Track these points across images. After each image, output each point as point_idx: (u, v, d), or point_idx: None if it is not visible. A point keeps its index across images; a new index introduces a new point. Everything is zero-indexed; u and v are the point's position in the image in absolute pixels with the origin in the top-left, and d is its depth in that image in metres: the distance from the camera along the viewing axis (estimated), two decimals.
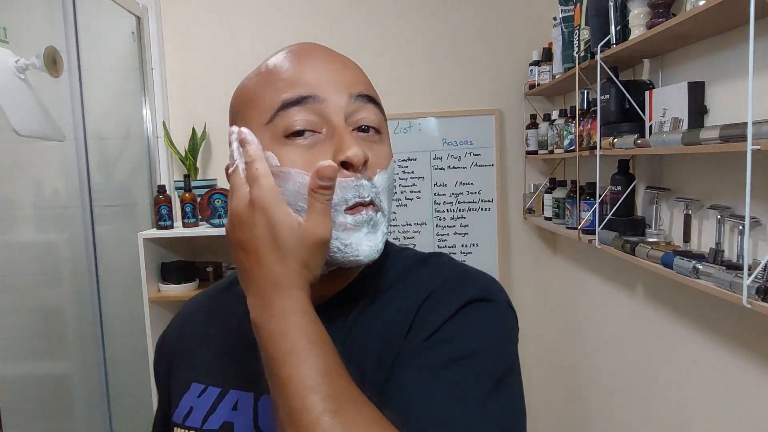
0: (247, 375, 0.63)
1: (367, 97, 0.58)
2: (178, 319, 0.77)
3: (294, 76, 0.57)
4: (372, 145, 0.58)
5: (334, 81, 0.57)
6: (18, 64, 1.68)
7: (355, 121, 0.57)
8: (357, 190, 0.55)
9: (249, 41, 2.51)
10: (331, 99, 0.56)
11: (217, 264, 2.47)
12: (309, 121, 0.55)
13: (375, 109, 0.59)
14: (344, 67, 0.59)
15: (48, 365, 2.43)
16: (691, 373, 1.53)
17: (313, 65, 0.58)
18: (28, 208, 2.42)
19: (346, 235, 0.55)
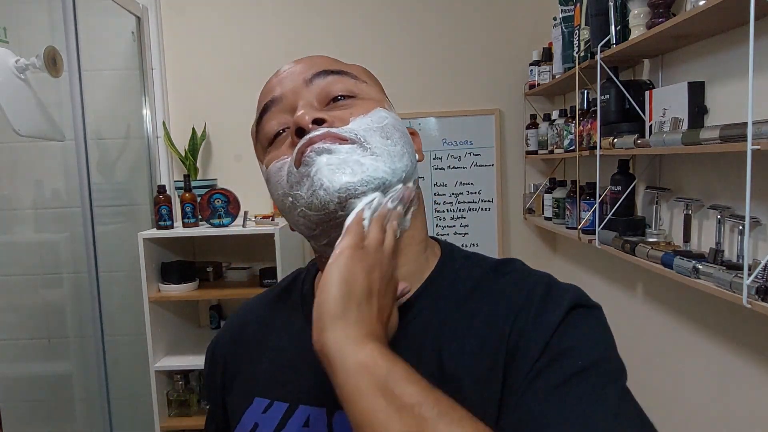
0: (316, 389, 0.59)
1: (323, 72, 0.60)
2: (230, 327, 0.73)
3: (261, 97, 0.62)
4: (343, 107, 0.58)
5: (289, 77, 0.60)
6: (18, 64, 1.68)
7: (324, 97, 0.59)
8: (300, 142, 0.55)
9: (249, 41, 2.51)
10: (289, 93, 0.59)
11: (217, 264, 2.47)
12: (279, 122, 0.59)
13: (338, 77, 0.60)
14: (299, 62, 0.62)
15: (48, 365, 2.43)
16: (691, 373, 1.53)
17: (273, 78, 0.62)
18: (28, 208, 2.42)
19: (302, 183, 0.55)
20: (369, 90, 0.61)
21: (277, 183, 0.58)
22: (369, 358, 0.44)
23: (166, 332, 2.29)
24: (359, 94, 0.60)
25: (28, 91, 1.73)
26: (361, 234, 0.52)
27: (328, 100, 0.59)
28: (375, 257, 0.51)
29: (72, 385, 2.42)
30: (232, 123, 2.52)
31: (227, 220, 2.21)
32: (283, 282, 0.73)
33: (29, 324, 2.40)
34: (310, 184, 0.53)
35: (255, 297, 0.75)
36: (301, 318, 0.66)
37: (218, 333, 0.75)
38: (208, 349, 0.74)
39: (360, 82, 0.61)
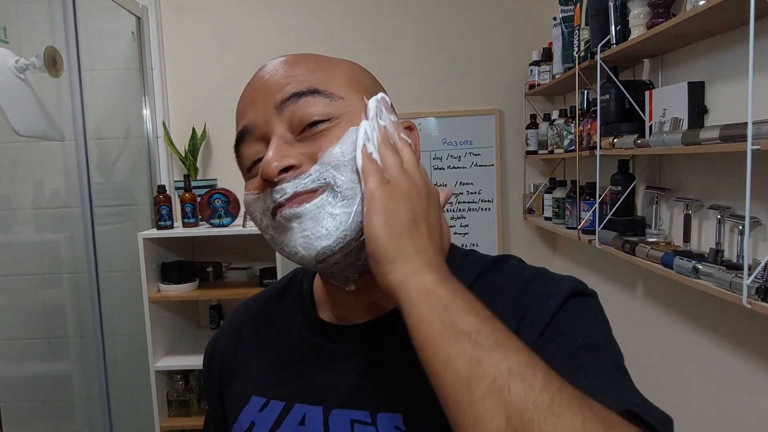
0: (313, 388, 0.61)
1: (293, 96, 0.55)
2: (228, 327, 0.74)
3: (238, 114, 0.60)
4: (316, 138, 0.54)
5: (260, 100, 0.57)
6: (18, 64, 1.68)
7: (297, 124, 0.55)
8: (271, 196, 0.55)
9: (249, 41, 2.51)
10: (260, 121, 0.56)
11: (217, 264, 2.47)
12: (252, 152, 0.58)
13: (311, 99, 0.55)
14: (270, 76, 0.58)
15: (48, 365, 2.43)
16: (690, 373, 1.53)
17: (245, 94, 0.60)
18: (28, 208, 2.42)
19: (281, 236, 0.56)
20: (345, 106, 0.56)
21: (252, 214, 0.59)
22: (430, 287, 0.45)
23: (166, 332, 2.29)
24: (335, 115, 0.55)
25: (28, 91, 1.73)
26: (379, 169, 0.51)
27: (303, 127, 0.55)
28: (404, 184, 0.50)
29: (72, 385, 2.42)
30: (232, 123, 2.48)
31: (227, 220, 2.21)
32: (282, 281, 0.73)
33: (29, 324, 2.40)
34: (288, 246, 0.55)
35: (254, 296, 0.76)
36: (300, 317, 0.66)
37: (217, 332, 0.75)
38: (207, 349, 0.75)
39: (335, 100, 0.55)
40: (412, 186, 0.51)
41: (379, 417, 0.56)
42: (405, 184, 0.50)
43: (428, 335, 0.43)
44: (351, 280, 0.60)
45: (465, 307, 0.44)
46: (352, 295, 0.61)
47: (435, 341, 0.43)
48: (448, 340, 0.42)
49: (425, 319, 0.44)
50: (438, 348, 0.42)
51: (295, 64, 0.58)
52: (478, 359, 0.40)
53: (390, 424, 0.56)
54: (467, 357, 0.41)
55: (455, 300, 0.44)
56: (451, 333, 0.42)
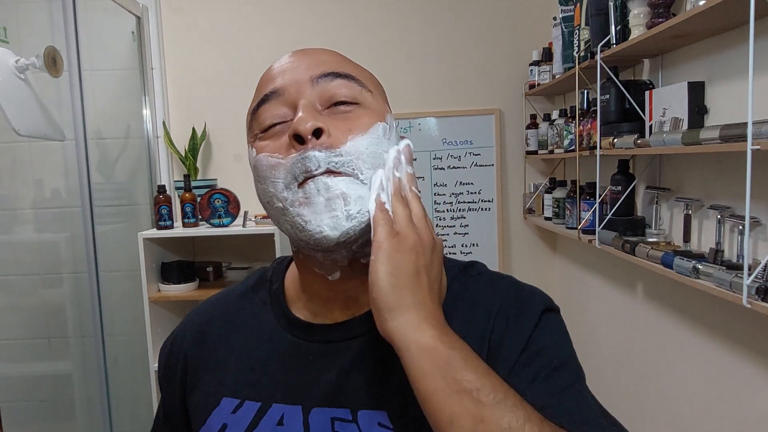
0: (290, 387, 0.60)
1: (331, 74, 0.58)
2: (191, 325, 0.70)
3: (262, 84, 0.61)
4: (345, 116, 0.57)
5: (295, 71, 0.59)
6: (18, 64, 1.68)
7: (327, 100, 0.57)
8: (303, 163, 0.54)
9: (249, 41, 2.51)
10: (292, 87, 0.57)
11: (217, 264, 2.47)
12: (276, 114, 0.58)
13: (344, 82, 0.58)
14: (307, 55, 0.60)
15: (48, 365, 2.43)
16: (691, 373, 1.53)
17: (278, 65, 0.61)
18: (28, 208, 2.42)
19: (303, 210, 0.55)
20: (372, 101, 0.60)
21: (266, 179, 0.57)
22: (430, 344, 0.47)
23: (166, 332, 2.29)
24: (362, 103, 0.58)
25: (28, 91, 1.73)
26: (389, 220, 0.53)
27: (330, 103, 0.57)
28: (411, 237, 0.52)
29: (72, 385, 2.42)
30: (232, 123, 2.52)
31: (227, 220, 2.21)
32: (248, 281, 0.71)
33: (29, 324, 2.40)
34: (311, 223, 0.54)
35: (215, 295, 0.73)
36: (271, 316, 0.65)
37: (175, 332, 0.72)
38: (163, 349, 0.71)
39: (365, 91, 0.59)
40: (418, 240, 0.52)
41: (360, 414, 0.57)
42: (412, 238, 0.52)
43: (432, 392, 0.46)
44: (338, 266, 0.59)
45: (464, 363, 0.47)
46: (332, 286, 0.61)
47: (439, 398, 0.46)
48: (452, 398, 0.45)
49: (427, 375, 0.47)
50: (443, 405, 0.45)
51: (331, 52, 0.62)
52: (480, 417, 0.44)
53: (372, 421, 0.56)
54: (470, 415, 0.44)
55: (455, 356, 0.47)
56: (454, 391, 0.45)
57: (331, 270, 0.59)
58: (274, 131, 0.58)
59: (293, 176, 0.55)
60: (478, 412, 0.44)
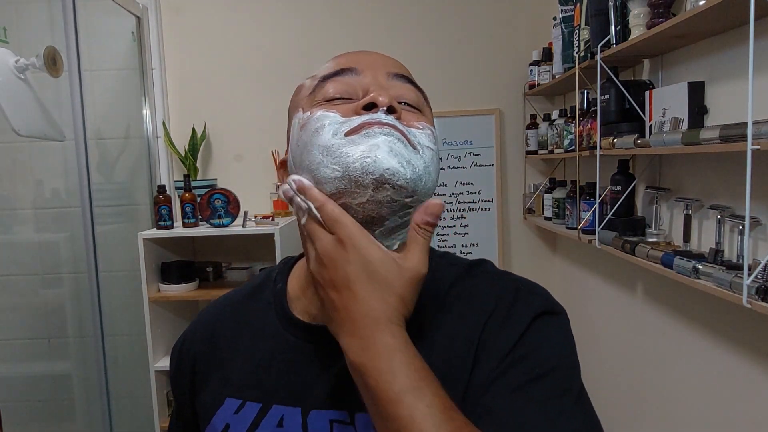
0: (290, 388, 0.60)
1: (405, 77, 0.61)
2: (200, 326, 0.71)
3: (338, 60, 0.62)
4: (408, 114, 0.58)
5: (371, 62, 0.60)
6: (18, 64, 1.68)
7: (396, 96, 0.58)
8: (362, 117, 0.54)
9: (249, 41, 2.51)
10: (367, 72, 0.59)
11: (217, 264, 2.47)
12: (343, 90, 0.58)
13: (413, 88, 0.61)
14: (382, 55, 0.63)
15: (48, 365, 2.43)
16: (691, 373, 1.53)
17: (353, 53, 0.63)
18: (28, 208, 2.42)
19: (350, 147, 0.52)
20: (427, 112, 0.62)
21: (316, 128, 0.55)
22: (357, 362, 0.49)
23: (166, 332, 2.29)
24: (422, 110, 0.60)
25: (28, 91, 1.72)
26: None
27: (398, 101, 0.58)
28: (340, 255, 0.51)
29: (72, 385, 2.42)
30: (232, 123, 2.52)
31: (227, 220, 2.21)
32: (254, 281, 0.72)
33: (29, 324, 2.40)
34: (358, 152, 0.51)
35: (224, 296, 0.74)
36: (274, 316, 0.65)
37: (186, 331, 0.73)
38: (175, 348, 0.73)
39: (425, 104, 0.62)
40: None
41: (357, 417, 0.56)
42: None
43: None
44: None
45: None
46: None
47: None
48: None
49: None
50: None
51: (393, 59, 0.64)
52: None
53: (369, 424, 0.55)
54: None
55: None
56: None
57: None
58: (338, 103, 0.57)
59: (350, 125, 0.53)
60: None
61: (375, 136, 0.52)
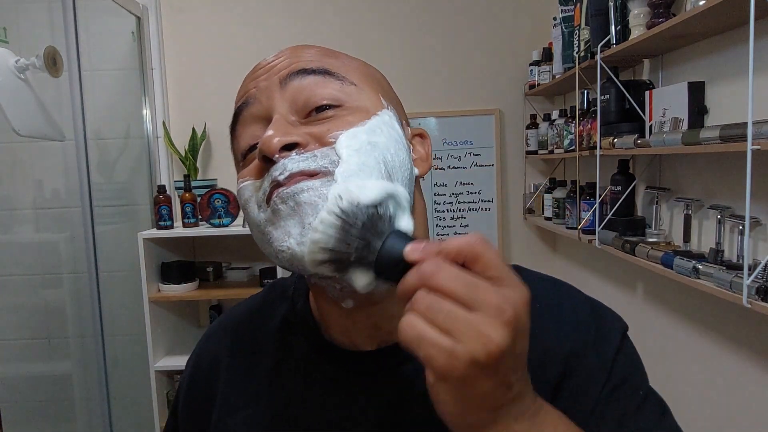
0: (331, 424, 0.53)
1: (301, 72, 0.49)
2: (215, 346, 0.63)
3: (239, 91, 0.54)
4: (323, 122, 0.48)
5: (266, 74, 0.51)
6: (18, 64, 1.68)
7: (302, 106, 0.49)
8: (269, 176, 0.47)
9: (249, 41, 2.51)
10: (263, 96, 0.50)
11: (217, 264, 2.47)
12: (250, 136, 0.51)
13: (318, 79, 0.49)
14: (283, 53, 0.52)
15: (48, 365, 2.43)
16: (691, 373, 1.53)
17: (248, 74, 0.54)
18: (28, 208, 2.42)
19: (273, 231, 0.46)
20: (359, 95, 0.50)
21: (248, 206, 0.50)
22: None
23: (166, 332, 2.29)
24: (346, 102, 0.49)
25: (28, 91, 1.72)
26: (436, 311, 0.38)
27: (309, 110, 0.49)
28: (479, 352, 0.35)
29: (72, 385, 2.42)
30: None
31: (227, 220, 2.21)
32: (268, 295, 0.64)
33: (29, 324, 2.40)
34: (278, 241, 0.46)
35: (235, 314, 0.65)
36: (301, 341, 0.58)
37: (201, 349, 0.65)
38: (188, 371, 0.65)
39: (347, 85, 0.50)
40: (491, 348, 0.35)
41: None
42: (482, 353, 0.35)
43: None
44: (348, 293, 0.48)
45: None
46: (349, 314, 0.52)
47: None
48: None
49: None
50: None
51: (306, 47, 0.53)
52: None
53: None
54: None
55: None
56: None
57: (340, 298, 0.50)
58: (251, 156, 0.51)
59: (263, 194, 0.47)
60: None
61: (280, 216, 0.45)
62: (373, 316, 0.52)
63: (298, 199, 0.44)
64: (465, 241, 0.37)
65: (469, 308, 0.35)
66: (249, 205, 0.50)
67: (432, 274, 0.36)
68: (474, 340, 0.34)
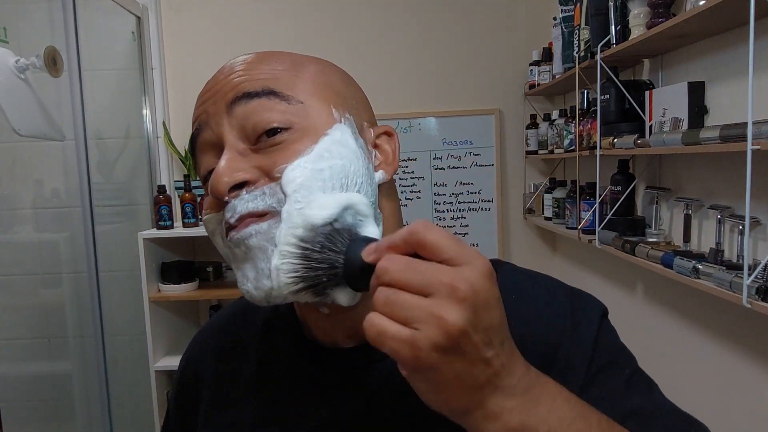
0: (313, 421, 0.54)
1: (244, 96, 0.48)
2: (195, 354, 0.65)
3: (194, 111, 0.54)
4: (273, 150, 0.47)
5: (214, 96, 0.51)
6: (18, 64, 1.68)
7: (251, 131, 0.48)
8: (224, 216, 0.48)
9: (249, 40, 2.51)
10: (212, 121, 0.50)
11: (217, 264, 2.47)
12: (208, 163, 0.51)
13: (262, 102, 0.48)
14: (227, 75, 0.51)
15: (48, 365, 2.43)
16: (690, 373, 1.53)
17: (199, 96, 0.53)
18: (28, 208, 2.42)
19: (234, 266, 0.49)
20: (307, 114, 0.48)
21: (213, 238, 0.52)
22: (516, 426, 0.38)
23: (166, 332, 2.29)
24: (294, 123, 0.48)
25: (28, 91, 1.72)
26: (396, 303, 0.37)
27: (258, 134, 0.48)
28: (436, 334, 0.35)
29: (72, 385, 2.42)
30: None
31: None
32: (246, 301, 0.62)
33: (29, 324, 2.40)
34: (239, 281, 0.48)
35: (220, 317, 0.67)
36: (285, 341, 0.59)
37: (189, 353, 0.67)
38: (181, 362, 0.67)
39: (294, 104, 0.48)
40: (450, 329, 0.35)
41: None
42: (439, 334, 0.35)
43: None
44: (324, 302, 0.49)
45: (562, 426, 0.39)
46: (327, 318, 0.53)
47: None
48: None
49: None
50: None
51: (256, 62, 0.52)
52: None
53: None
54: None
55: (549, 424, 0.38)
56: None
57: (318, 304, 0.50)
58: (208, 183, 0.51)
59: (222, 231, 0.49)
60: None
61: (237, 259, 0.48)
62: (351, 317, 0.52)
63: (248, 243, 0.45)
64: (407, 230, 0.37)
65: (424, 294, 0.35)
66: (215, 238, 0.51)
67: (384, 270, 0.37)
68: (430, 324, 0.34)
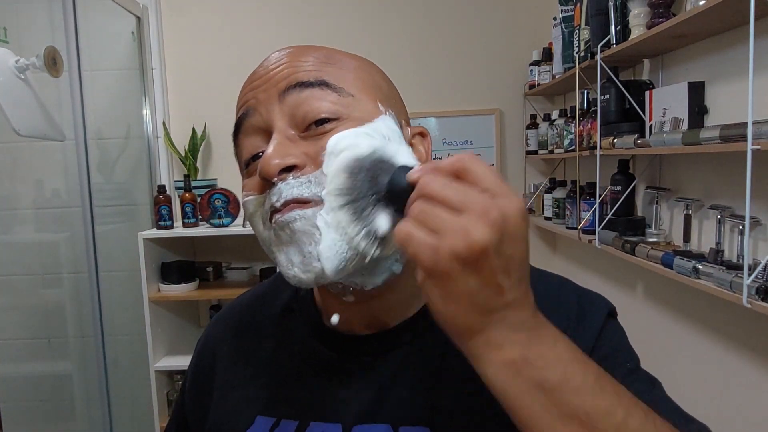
0: (328, 403, 0.56)
1: (298, 85, 0.50)
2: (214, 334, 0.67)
3: (240, 98, 0.55)
4: (322, 140, 0.49)
5: (265, 84, 0.52)
6: (18, 64, 1.68)
7: (302, 120, 0.50)
8: (269, 198, 0.49)
9: (249, 40, 2.51)
10: (262, 108, 0.51)
11: (217, 264, 2.47)
12: (252, 147, 0.53)
13: (315, 92, 0.50)
14: (277, 64, 0.53)
15: (48, 365, 2.43)
16: (690, 373, 1.53)
17: (247, 82, 0.55)
18: (28, 208, 2.42)
19: (275, 249, 0.50)
20: (356, 106, 0.51)
21: (254, 220, 0.53)
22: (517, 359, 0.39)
23: (166, 332, 2.29)
24: (343, 115, 0.50)
25: (28, 91, 1.72)
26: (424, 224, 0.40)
27: (308, 123, 0.50)
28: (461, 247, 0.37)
29: (72, 385, 2.42)
30: (232, 123, 2.49)
31: (227, 220, 2.21)
32: (273, 284, 0.67)
33: (29, 324, 2.40)
34: (283, 264, 0.49)
35: (239, 301, 0.70)
36: (304, 327, 0.61)
37: (209, 330, 0.69)
38: (200, 339, 0.69)
39: (345, 96, 0.50)
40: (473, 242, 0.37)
41: (400, 430, 0.54)
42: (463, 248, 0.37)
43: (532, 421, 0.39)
44: (349, 290, 0.53)
45: (562, 379, 0.39)
46: (349, 306, 0.56)
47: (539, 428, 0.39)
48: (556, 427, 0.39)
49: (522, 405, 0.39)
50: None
51: (305, 53, 0.53)
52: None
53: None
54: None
55: (549, 372, 0.39)
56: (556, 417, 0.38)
57: (342, 292, 0.54)
58: (253, 167, 0.53)
59: (266, 213, 0.50)
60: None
61: (282, 241, 0.49)
62: (372, 308, 0.56)
63: (293, 227, 0.47)
64: (456, 158, 0.40)
65: (458, 212, 0.37)
66: (254, 219, 0.53)
67: (425, 183, 0.39)
68: (456, 235, 0.37)
